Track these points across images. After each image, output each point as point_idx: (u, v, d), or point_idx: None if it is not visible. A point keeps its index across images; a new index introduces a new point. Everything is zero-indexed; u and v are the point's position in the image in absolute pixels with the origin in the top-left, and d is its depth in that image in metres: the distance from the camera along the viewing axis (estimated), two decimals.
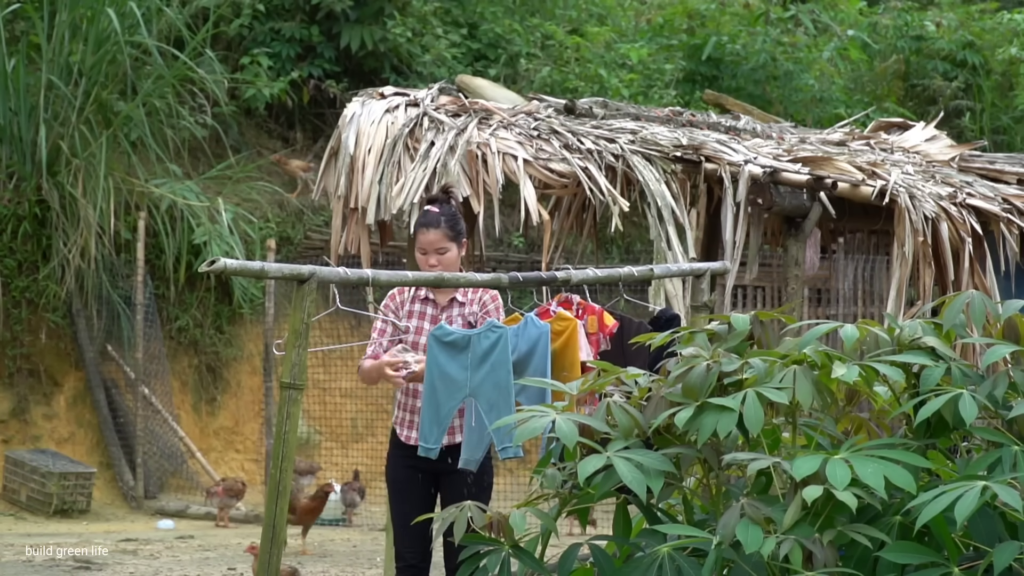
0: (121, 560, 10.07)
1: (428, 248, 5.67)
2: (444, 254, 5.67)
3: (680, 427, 4.17)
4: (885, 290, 8.82)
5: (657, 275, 6.10)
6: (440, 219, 5.69)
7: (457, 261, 5.72)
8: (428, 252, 5.67)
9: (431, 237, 5.66)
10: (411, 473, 5.62)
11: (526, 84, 16.19)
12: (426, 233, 5.67)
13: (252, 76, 15.30)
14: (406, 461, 5.62)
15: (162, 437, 13.62)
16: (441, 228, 5.67)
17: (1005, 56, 18.36)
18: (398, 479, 5.67)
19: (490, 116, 8.45)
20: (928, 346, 4.25)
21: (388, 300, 5.80)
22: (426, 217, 5.73)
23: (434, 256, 5.67)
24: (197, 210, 13.81)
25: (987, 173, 9.44)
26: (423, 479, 5.63)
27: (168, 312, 14.07)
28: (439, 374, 5.32)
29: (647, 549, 4.21)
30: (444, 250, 5.67)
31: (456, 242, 5.71)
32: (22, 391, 13.37)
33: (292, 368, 4.76)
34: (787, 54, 17.90)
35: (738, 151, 8.41)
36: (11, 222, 13.32)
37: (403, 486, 5.66)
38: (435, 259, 5.66)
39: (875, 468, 3.92)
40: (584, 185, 7.93)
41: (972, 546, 3.98)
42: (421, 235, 5.70)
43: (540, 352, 5.34)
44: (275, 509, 4.73)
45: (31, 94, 13.49)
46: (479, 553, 4.38)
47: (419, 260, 5.73)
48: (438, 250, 5.66)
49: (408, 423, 5.68)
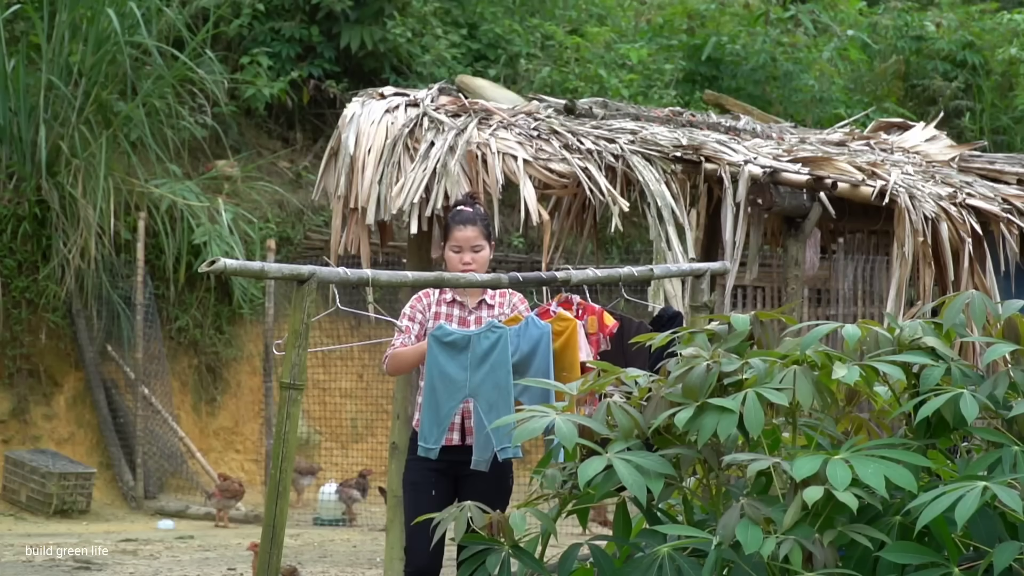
0: (121, 560, 10.07)
1: (464, 245, 5.65)
2: (479, 252, 5.66)
3: (680, 428, 4.17)
4: (885, 290, 8.81)
5: (657, 275, 6.10)
6: (476, 217, 5.70)
7: (487, 262, 5.72)
8: (464, 249, 5.65)
9: (469, 234, 5.65)
10: (429, 475, 5.58)
11: (526, 84, 16.19)
12: (464, 230, 5.66)
13: (252, 76, 15.30)
14: (426, 463, 5.56)
15: (162, 437, 13.61)
16: (478, 226, 5.68)
17: (1005, 56, 18.36)
18: (416, 481, 5.62)
19: (490, 116, 8.45)
20: (928, 346, 4.25)
21: (415, 302, 5.74)
22: (462, 215, 5.72)
23: (469, 253, 5.65)
24: (197, 210, 13.82)
25: (987, 173, 9.43)
26: (442, 482, 5.60)
27: (168, 312, 14.07)
28: (439, 374, 5.32)
29: (647, 549, 4.21)
30: (480, 248, 5.66)
31: (489, 242, 5.72)
32: (22, 391, 13.37)
33: (292, 368, 4.76)
34: (787, 54, 17.90)
35: (738, 151, 8.41)
36: (11, 222, 13.31)
37: (420, 487, 5.60)
38: (470, 256, 5.64)
39: (875, 468, 3.92)
40: (584, 185, 7.92)
41: (972, 546, 3.98)
42: (459, 231, 5.67)
43: (542, 353, 5.34)
44: (275, 509, 4.73)
45: (31, 94, 13.49)
46: (479, 553, 4.39)
47: (451, 259, 5.68)
48: (474, 247, 5.65)
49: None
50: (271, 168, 15.51)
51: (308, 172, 15.44)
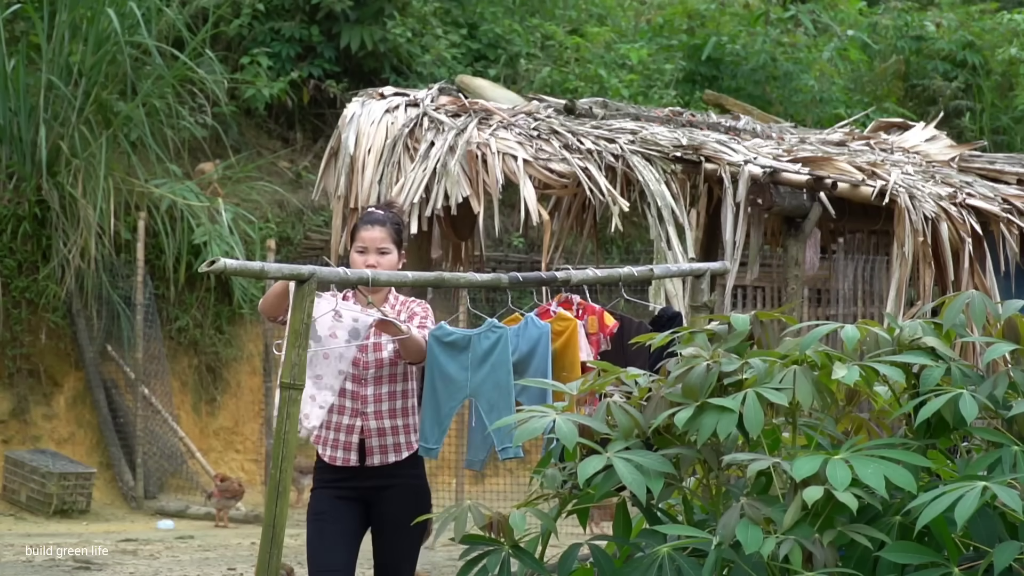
0: (121, 560, 10.07)
1: (370, 245, 5.27)
2: (386, 255, 5.28)
3: (680, 427, 4.17)
4: (885, 290, 8.81)
5: (657, 275, 6.10)
6: (386, 220, 5.33)
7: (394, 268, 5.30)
8: (369, 250, 5.27)
9: (376, 234, 5.28)
10: (336, 504, 5.22)
11: (526, 84, 16.20)
12: (371, 230, 5.28)
13: (252, 76, 15.31)
14: (333, 490, 5.21)
15: (162, 437, 13.62)
16: (387, 228, 5.31)
17: (1005, 56, 18.37)
18: (321, 511, 5.17)
19: (490, 116, 8.45)
20: (928, 346, 4.25)
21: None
22: (371, 216, 5.36)
23: (374, 255, 5.27)
24: (197, 210, 13.82)
25: (987, 173, 9.43)
26: (351, 510, 5.25)
27: (168, 312, 14.07)
28: (439, 374, 5.31)
29: (647, 549, 4.21)
30: (386, 251, 5.28)
31: (398, 248, 5.34)
32: (22, 391, 13.37)
33: (292, 368, 4.76)
34: (787, 54, 17.91)
35: (738, 151, 8.41)
36: (11, 222, 13.32)
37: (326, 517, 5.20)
38: (375, 258, 5.26)
39: (875, 468, 3.92)
40: (584, 185, 7.93)
41: (972, 546, 3.98)
42: (365, 231, 5.29)
43: (541, 353, 5.33)
44: (275, 509, 4.73)
45: (31, 94, 13.49)
46: (480, 555, 4.39)
47: (355, 260, 5.30)
48: (380, 249, 5.28)
49: (333, 443, 5.27)
50: (271, 168, 15.51)
51: (308, 172, 15.45)
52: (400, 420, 5.28)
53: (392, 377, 5.29)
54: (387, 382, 5.28)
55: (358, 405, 5.26)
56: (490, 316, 5.55)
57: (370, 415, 5.25)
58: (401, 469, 5.28)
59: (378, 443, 5.25)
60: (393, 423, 5.26)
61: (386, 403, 5.27)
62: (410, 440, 5.29)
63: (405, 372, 5.31)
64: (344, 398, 5.25)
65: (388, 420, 5.26)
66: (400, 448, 5.27)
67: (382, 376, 5.27)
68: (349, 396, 5.26)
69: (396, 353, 5.25)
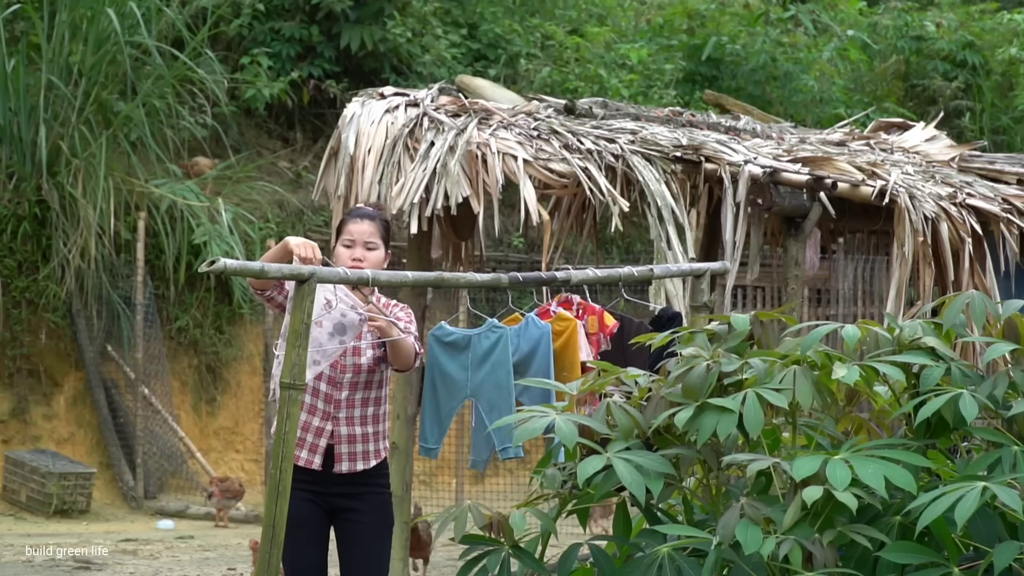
0: (121, 560, 10.07)
1: (358, 239, 5.22)
2: (373, 250, 5.24)
3: (680, 427, 4.17)
4: (885, 290, 8.81)
5: (657, 275, 6.10)
6: (375, 215, 5.31)
7: (381, 265, 5.26)
8: (356, 244, 5.22)
9: (364, 228, 5.23)
10: (308, 508, 5.14)
11: (526, 84, 16.20)
12: (359, 223, 5.24)
13: (252, 76, 15.31)
14: (301, 492, 5.06)
15: (162, 437, 13.62)
16: (376, 223, 5.27)
17: (1005, 56, 18.37)
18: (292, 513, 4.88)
19: (490, 116, 8.45)
20: (928, 346, 4.25)
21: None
22: (360, 211, 5.34)
23: (361, 249, 5.22)
24: (197, 210, 13.82)
25: (987, 173, 9.43)
26: (314, 516, 5.16)
27: (168, 312, 14.07)
28: (439, 374, 5.31)
29: (647, 549, 4.21)
30: (374, 246, 5.24)
31: (385, 245, 5.30)
32: (22, 391, 13.37)
33: (292, 368, 4.76)
34: (787, 54, 17.90)
35: (738, 151, 8.40)
36: (11, 222, 13.31)
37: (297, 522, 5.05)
38: (361, 252, 5.22)
39: (875, 468, 3.92)
40: (584, 185, 7.92)
41: (972, 546, 3.98)
42: (353, 224, 5.26)
43: (542, 352, 5.34)
44: (275, 509, 4.73)
45: (31, 94, 13.49)
46: (480, 555, 4.39)
47: (341, 254, 5.25)
48: (368, 244, 5.23)
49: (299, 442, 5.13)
50: (271, 168, 15.51)
51: (308, 172, 15.45)
52: (371, 427, 5.22)
53: (368, 384, 5.22)
54: (362, 388, 5.21)
55: (330, 408, 5.19)
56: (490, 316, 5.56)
57: (341, 420, 5.18)
58: (369, 478, 5.22)
59: (347, 450, 5.18)
60: (364, 430, 5.20)
61: (358, 409, 5.21)
62: (379, 448, 5.23)
63: (381, 380, 5.25)
64: (317, 398, 5.19)
65: (359, 427, 5.19)
66: (368, 456, 5.20)
67: (358, 382, 5.20)
68: (322, 398, 5.20)
69: (375, 360, 5.20)
